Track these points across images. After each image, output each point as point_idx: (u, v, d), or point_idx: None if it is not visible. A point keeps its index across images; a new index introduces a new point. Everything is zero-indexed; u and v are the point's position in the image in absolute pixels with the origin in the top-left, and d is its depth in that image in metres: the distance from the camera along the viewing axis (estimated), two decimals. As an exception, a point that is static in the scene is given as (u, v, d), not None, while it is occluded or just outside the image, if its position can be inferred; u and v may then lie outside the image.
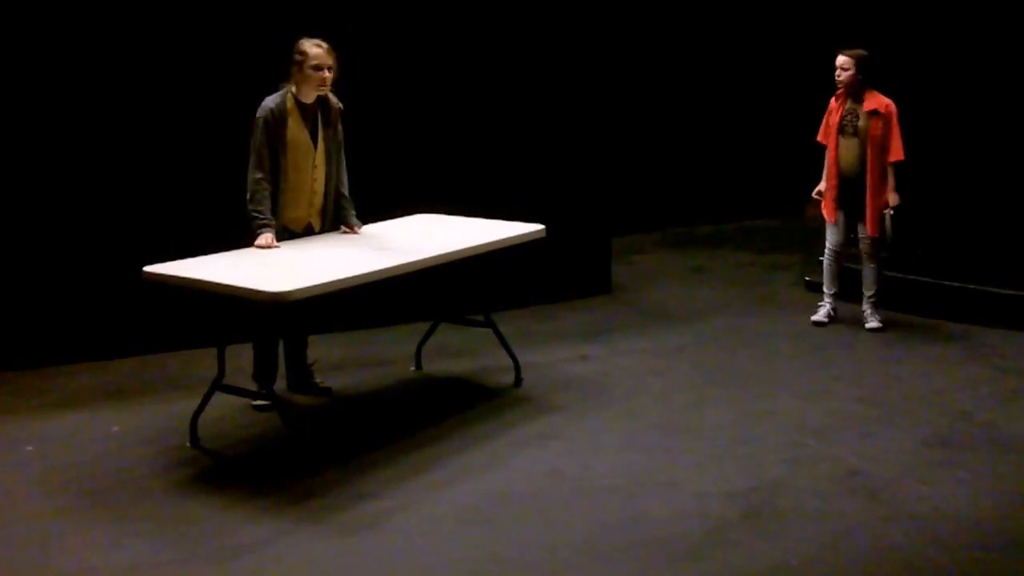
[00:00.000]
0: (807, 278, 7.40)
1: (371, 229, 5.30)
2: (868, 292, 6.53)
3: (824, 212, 6.54)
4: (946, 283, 6.80)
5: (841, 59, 6.26)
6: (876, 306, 6.51)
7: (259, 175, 4.83)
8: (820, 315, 6.68)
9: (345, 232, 5.17)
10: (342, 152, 5.15)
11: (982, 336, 6.33)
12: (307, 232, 5.07)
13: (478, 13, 6.70)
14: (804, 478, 4.34)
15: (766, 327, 6.60)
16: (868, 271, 6.49)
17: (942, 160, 8.20)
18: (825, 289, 6.71)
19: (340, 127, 5.11)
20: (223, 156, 5.37)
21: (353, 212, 5.21)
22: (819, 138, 6.58)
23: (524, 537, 3.85)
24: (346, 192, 5.19)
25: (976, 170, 8.19)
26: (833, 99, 6.45)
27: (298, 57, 4.85)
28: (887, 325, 6.48)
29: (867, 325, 6.47)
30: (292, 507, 4.06)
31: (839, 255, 6.61)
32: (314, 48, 4.86)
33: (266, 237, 4.79)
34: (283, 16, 5.76)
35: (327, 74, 4.89)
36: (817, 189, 6.58)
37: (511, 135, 6.88)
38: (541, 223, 5.51)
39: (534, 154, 6.96)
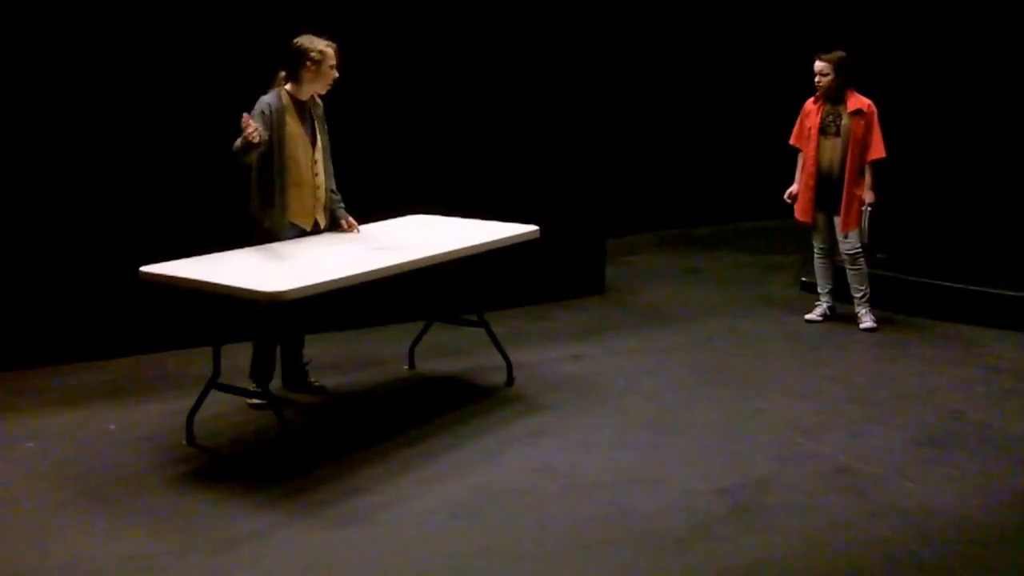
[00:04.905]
0: (803, 279, 7.43)
1: (366, 229, 5.34)
2: (856, 293, 6.57)
3: (797, 214, 6.59)
4: (943, 283, 6.82)
5: (819, 64, 6.32)
6: (869, 305, 6.55)
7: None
8: (814, 314, 6.73)
9: (343, 230, 5.21)
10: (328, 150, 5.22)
11: (978, 337, 6.36)
12: (315, 229, 5.10)
13: (474, 13, 6.75)
14: (792, 475, 4.38)
15: (760, 327, 6.63)
16: (852, 273, 6.53)
17: (939, 161, 8.23)
18: (819, 289, 6.76)
19: (326, 124, 5.17)
20: (221, 156, 5.40)
21: (342, 206, 5.25)
22: (793, 141, 6.62)
23: (513, 530, 3.89)
24: (334, 187, 5.23)
25: (972, 171, 8.21)
26: (810, 101, 6.51)
27: (316, 55, 4.89)
28: (882, 325, 6.52)
29: (861, 325, 6.50)
30: (286, 501, 4.11)
31: (828, 253, 6.65)
32: (329, 48, 4.93)
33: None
34: (281, 16, 5.79)
35: (336, 73, 4.99)
36: (789, 192, 6.63)
37: (506, 135, 6.92)
38: (535, 223, 5.54)
39: (529, 154, 6.99)
